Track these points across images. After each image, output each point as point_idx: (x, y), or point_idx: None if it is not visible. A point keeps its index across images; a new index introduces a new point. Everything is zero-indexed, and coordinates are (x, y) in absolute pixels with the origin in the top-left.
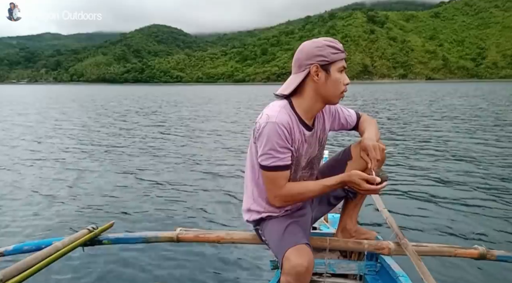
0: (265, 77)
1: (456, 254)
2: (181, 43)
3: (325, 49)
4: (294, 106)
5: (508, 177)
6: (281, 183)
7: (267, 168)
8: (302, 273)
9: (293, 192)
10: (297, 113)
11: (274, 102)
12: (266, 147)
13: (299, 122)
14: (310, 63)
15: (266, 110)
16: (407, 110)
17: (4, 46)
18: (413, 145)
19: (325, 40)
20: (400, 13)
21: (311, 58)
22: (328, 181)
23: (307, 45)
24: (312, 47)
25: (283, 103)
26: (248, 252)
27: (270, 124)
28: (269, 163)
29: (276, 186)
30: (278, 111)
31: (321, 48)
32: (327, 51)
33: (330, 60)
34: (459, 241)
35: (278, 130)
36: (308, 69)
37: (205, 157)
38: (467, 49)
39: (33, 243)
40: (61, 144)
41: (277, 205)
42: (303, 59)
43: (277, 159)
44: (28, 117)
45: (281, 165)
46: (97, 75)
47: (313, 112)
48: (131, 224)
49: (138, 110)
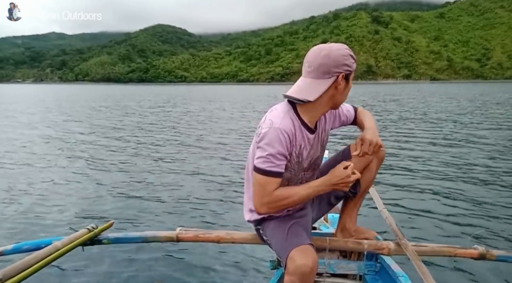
0: (269, 77)
1: (456, 254)
2: (186, 43)
3: (349, 59)
4: (298, 111)
5: (508, 177)
6: (270, 189)
7: (260, 171)
8: (307, 273)
9: (281, 197)
10: (301, 118)
11: (277, 106)
12: (266, 152)
13: (302, 126)
14: (338, 72)
15: (269, 115)
16: (408, 110)
17: (9, 46)
18: (413, 145)
19: (346, 49)
20: (405, 14)
21: (339, 66)
22: (313, 183)
23: (333, 51)
24: (339, 55)
25: (286, 107)
26: (248, 252)
27: (272, 129)
28: (264, 166)
29: (265, 191)
30: (281, 117)
31: (346, 57)
32: (350, 61)
33: (352, 70)
34: (459, 241)
35: (280, 136)
36: (335, 77)
37: (206, 157)
38: (472, 50)
39: (33, 242)
40: (61, 144)
41: (262, 212)
42: (331, 66)
43: (273, 165)
44: (30, 117)
45: (275, 171)
46: (102, 74)
47: (318, 116)
48: (131, 224)
49: (138, 111)
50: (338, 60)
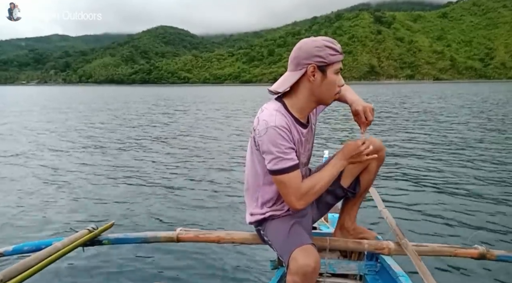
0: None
1: (456, 254)
2: (188, 44)
3: (324, 50)
4: (288, 107)
5: (508, 177)
6: (297, 182)
7: (278, 172)
8: (309, 273)
9: (310, 187)
10: (292, 114)
11: (267, 105)
12: (273, 152)
13: (295, 122)
14: (308, 63)
15: (262, 115)
16: (410, 110)
17: (13, 48)
18: (413, 145)
19: (324, 40)
20: (407, 14)
21: (309, 57)
22: (331, 162)
23: (306, 43)
24: (311, 47)
25: (276, 105)
26: (248, 252)
27: (270, 129)
28: (279, 167)
29: (293, 187)
30: (274, 114)
31: (320, 48)
32: (325, 52)
33: (328, 62)
34: (459, 241)
35: (280, 132)
36: (305, 69)
37: (206, 157)
38: (475, 50)
39: (33, 243)
40: (62, 145)
41: (300, 207)
42: (301, 58)
43: (286, 161)
44: (31, 117)
45: (290, 166)
46: (105, 76)
47: (307, 111)
48: (131, 224)
49: (138, 111)
50: (309, 51)
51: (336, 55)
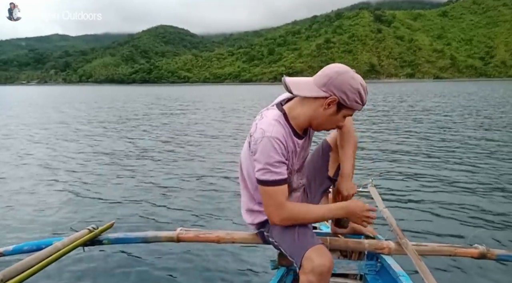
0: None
1: (456, 254)
2: (188, 43)
3: (354, 94)
4: (288, 118)
5: (509, 177)
6: (280, 199)
7: (264, 183)
8: (325, 272)
9: (295, 213)
10: (291, 125)
11: (267, 112)
12: (262, 162)
13: (293, 134)
14: (334, 93)
15: (260, 123)
16: (410, 110)
17: (13, 48)
18: (413, 145)
19: (361, 85)
20: (407, 12)
21: (339, 89)
22: (331, 205)
23: (346, 74)
24: (347, 82)
25: (277, 114)
26: (248, 252)
27: (265, 139)
28: (266, 178)
29: (274, 200)
30: (273, 124)
31: (353, 90)
32: (354, 97)
33: (349, 106)
34: (459, 240)
35: (274, 144)
36: (328, 95)
37: (206, 157)
38: (475, 48)
39: (33, 243)
40: (62, 145)
41: (277, 223)
42: (332, 85)
43: (274, 174)
44: (31, 117)
45: (278, 179)
46: (106, 76)
47: (302, 126)
48: (131, 224)
49: (138, 110)
50: (342, 85)
51: (358, 105)
